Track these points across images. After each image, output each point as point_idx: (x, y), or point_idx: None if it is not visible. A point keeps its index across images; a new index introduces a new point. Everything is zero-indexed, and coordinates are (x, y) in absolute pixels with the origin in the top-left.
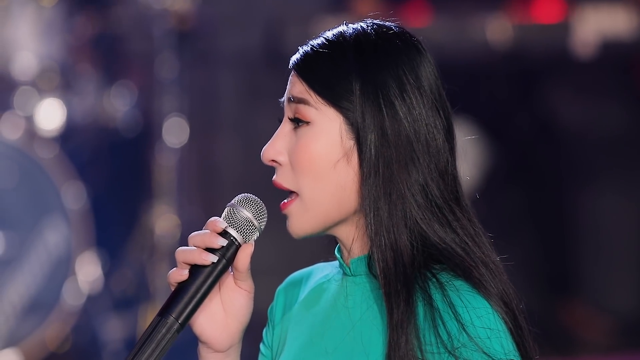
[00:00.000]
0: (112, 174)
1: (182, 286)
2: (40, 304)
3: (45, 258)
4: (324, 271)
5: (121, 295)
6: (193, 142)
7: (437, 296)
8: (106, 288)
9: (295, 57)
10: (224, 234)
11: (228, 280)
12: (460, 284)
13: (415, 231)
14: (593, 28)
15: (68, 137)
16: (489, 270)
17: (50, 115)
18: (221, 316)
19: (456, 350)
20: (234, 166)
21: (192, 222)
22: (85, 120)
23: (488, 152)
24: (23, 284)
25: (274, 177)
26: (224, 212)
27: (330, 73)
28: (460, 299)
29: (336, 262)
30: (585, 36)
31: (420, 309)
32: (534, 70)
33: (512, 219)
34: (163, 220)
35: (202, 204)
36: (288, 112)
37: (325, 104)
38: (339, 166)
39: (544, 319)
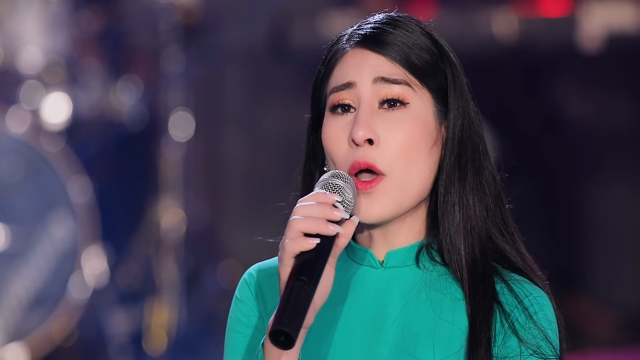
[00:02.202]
0: (117, 168)
1: (309, 256)
2: (46, 298)
3: (51, 252)
4: None
5: (127, 289)
6: (199, 136)
7: (500, 289)
8: (112, 282)
9: (371, 37)
10: None
11: None
12: (520, 277)
13: (486, 220)
14: (599, 22)
15: (74, 131)
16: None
17: (56, 109)
18: None
19: (518, 332)
20: (239, 160)
21: (198, 216)
22: (91, 115)
23: (494, 146)
24: (29, 277)
25: (363, 158)
26: (322, 187)
27: (422, 54)
28: (523, 291)
29: None
30: (591, 30)
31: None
32: (540, 64)
33: (517, 212)
34: (169, 214)
35: (207, 198)
36: (373, 93)
37: (421, 85)
38: (433, 150)
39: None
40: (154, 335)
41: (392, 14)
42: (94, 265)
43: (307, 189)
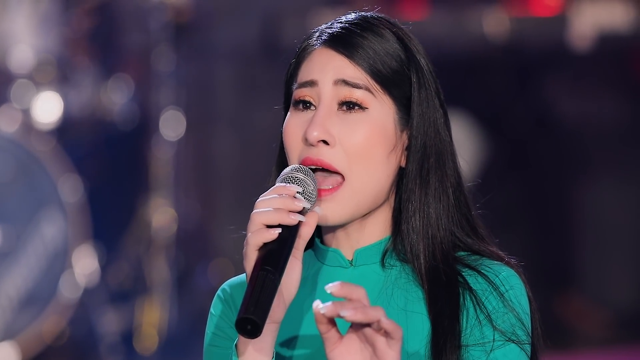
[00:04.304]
0: (109, 167)
1: (272, 246)
2: (37, 297)
3: (42, 251)
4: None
5: (118, 288)
6: (190, 135)
7: (472, 278)
8: (103, 281)
9: (339, 37)
10: None
11: None
12: (488, 262)
13: (450, 226)
14: (590, 21)
15: (65, 130)
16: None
17: (47, 108)
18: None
19: (493, 321)
20: (230, 159)
21: (189, 215)
22: (82, 114)
23: (485, 145)
24: (20, 277)
25: (316, 155)
26: (282, 180)
27: (388, 61)
28: (493, 272)
29: None
30: (582, 29)
31: (460, 294)
32: (531, 63)
33: (509, 211)
34: (160, 213)
35: (198, 197)
36: (333, 94)
37: (383, 92)
38: (391, 156)
39: (540, 311)
40: (144, 335)
41: (366, 14)
42: (85, 264)
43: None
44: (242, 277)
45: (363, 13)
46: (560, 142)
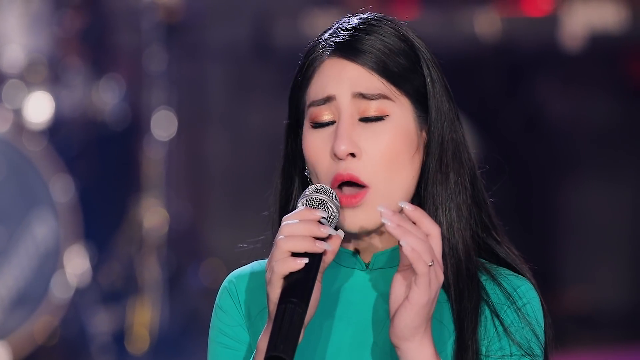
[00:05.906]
0: (100, 167)
1: (297, 276)
2: (29, 297)
3: (34, 251)
4: None
5: (109, 288)
6: (181, 135)
7: (491, 288)
8: (94, 281)
9: (347, 45)
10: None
11: None
12: (507, 271)
13: (470, 219)
14: (581, 21)
15: (56, 130)
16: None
17: (39, 108)
18: None
19: (510, 333)
20: (222, 159)
21: (180, 215)
22: (73, 114)
23: (475, 145)
24: (11, 277)
25: (345, 170)
26: (305, 202)
27: (400, 61)
28: (511, 284)
29: None
30: (573, 29)
31: (481, 302)
32: (522, 63)
33: (499, 211)
34: (151, 213)
35: (190, 197)
36: (353, 106)
37: (399, 92)
38: (415, 157)
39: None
40: (136, 335)
41: (366, 16)
42: (77, 264)
43: (287, 192)
44: (249, 267)
45: (363, 16)
46: (551, 141)
